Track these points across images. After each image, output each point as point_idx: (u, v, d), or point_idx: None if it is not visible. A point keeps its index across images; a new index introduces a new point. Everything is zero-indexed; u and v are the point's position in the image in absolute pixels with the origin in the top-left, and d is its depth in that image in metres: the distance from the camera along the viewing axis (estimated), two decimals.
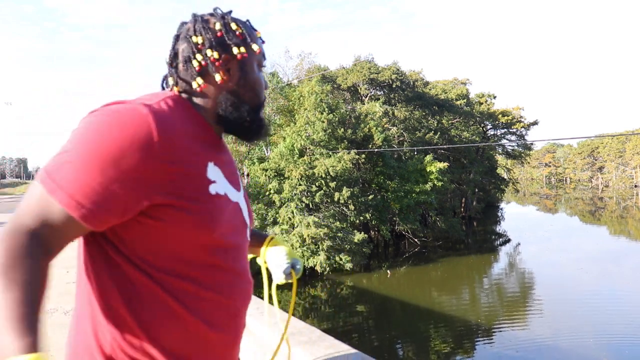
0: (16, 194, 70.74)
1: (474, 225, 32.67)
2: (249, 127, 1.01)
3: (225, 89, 0.97)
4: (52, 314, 5.03)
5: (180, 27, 0.98)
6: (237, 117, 0.98)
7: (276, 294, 1.42)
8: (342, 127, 19.91)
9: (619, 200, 59.51)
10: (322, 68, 26.79)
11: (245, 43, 0.97)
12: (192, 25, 0.96)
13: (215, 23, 0.96)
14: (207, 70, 0.95)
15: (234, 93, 0.98)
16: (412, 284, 17.36)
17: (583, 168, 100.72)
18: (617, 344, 10.78)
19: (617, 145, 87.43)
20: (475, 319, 13.15)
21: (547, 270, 18.34)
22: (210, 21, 0.96)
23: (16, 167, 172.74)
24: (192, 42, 0.94)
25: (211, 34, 0.95)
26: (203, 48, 0.94)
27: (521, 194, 75.11)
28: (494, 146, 38.24)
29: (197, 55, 0.94)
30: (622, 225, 34.06)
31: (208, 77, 0.96)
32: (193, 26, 0.95)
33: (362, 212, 19.28)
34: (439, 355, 10.83)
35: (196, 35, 0.95)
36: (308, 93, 19.92)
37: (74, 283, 0.85)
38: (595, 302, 13.73)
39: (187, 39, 0.95)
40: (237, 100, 0.98)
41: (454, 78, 39.29)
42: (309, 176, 17.98)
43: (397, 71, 26.45)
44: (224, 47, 0.95)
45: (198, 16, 0.97)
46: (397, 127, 25.49)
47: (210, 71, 0.95)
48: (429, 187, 21.19)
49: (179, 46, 0.97)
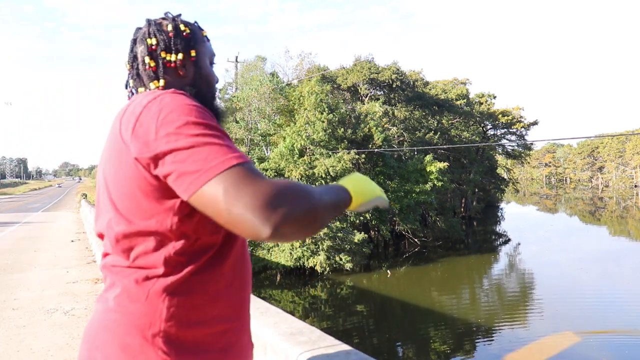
0: (16, 194, 70.74)
1: (474, 225, 32.67)
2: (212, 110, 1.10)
3: (183, 83, 1.05)
4: (52, 314, 5.03)
5: (136, 32, 1.07)
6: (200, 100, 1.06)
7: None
8: (342, 127, 19.92)
9: (619, 200, 59.51)
10: (322, 68, 26.80)
11: (192, 43, 1.06)
12: (146, 29, 1.05)
13: (168, 26, 1.04)
14: (162, 70, 1.03)
15: (192, 85, 1.06)
16: (412, 284, 17.36)
17: (583, 168, 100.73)
18: (617, 344, 10.78)
19: (617, 145, 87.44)
20: (475, 319, 13.15)
21: (547, 270, 18.34)
22: (162, 24, 1.05)
23: (16, 167, 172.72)
24: (146, 43, 1.03)
25: (165, 36, 1.03)
26: (157, 49, 1.03)
27: (521, 194, 75.11)
28: (494, 146, 38.24)
29: (151, 56, 1.03)
30: (622, 225, 34.06)
31: (165, 76, 1.04)
32: (147, 30, 1.04)
33: (362, 212, 19.27)
34: (439, 355, 10.83)
35: (150, 37, 1.03)
36: (308, 93, 19.93)
37: (75, 282, 0.85)
38: (595, 302, 13.74)
39: (143, 42, 1.04)
40: (196, 90, 1.06)
41: (454, 78, 39.31)
42: (309, 176, 17.99)
43: (397, 71, 26.46)
44: (176, 48, 1.04)
45: (152, 21, 1.06)
46: (397, 127, 25.49)
47: (165, 71, 1.04)
48: (429, 187, 21.20)
49: (137, 47, 1.05)
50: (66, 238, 12.57)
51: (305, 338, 1.74)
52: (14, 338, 4.22)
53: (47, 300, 5.62)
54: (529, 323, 12.52)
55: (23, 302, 5.57)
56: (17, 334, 4.33)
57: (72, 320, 4.74)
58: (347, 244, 17.54)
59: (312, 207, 0.80)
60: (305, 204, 0.79)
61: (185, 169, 0.79)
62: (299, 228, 0.78)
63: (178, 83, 1.04)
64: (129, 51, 1.06)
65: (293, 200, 0.78)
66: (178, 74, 1.04)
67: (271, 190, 0.76)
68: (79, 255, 9.33)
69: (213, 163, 0.78)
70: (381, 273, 18.53)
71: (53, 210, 28.72)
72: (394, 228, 22.10)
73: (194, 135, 0.81)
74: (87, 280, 6.73)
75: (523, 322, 12.63)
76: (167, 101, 0.86)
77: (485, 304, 14.98)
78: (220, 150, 0.80)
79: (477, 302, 15.10)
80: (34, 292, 6.12)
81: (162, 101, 0.86)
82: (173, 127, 0.82)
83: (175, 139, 0.81)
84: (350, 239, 17.62)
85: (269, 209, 0.74)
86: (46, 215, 24.07)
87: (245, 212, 0.74)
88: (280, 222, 0.75)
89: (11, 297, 5.87)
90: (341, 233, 17.66)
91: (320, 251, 17.06)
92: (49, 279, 6.97)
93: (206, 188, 0.77)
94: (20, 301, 5.64)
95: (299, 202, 0.78)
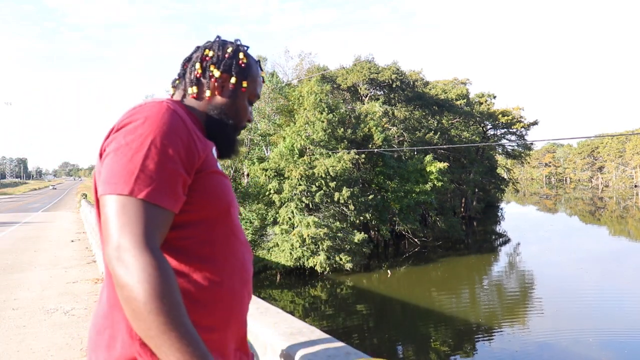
0: (16, 194, 70.73)
1: (474, 225, 32.67)
2: (226, 140, 1.11)
3: (214, 103, 1.09)
4: (52, 314, 5.03)
5: (205, 43, 1.14)
6: (220, 126, 1.09)
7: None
8: (342, 127, 19.91)
9: (619, 200, 59.51)
10: (322, 68, 26.81)
11: (243, 74, 1.10)
12: (211, 42, 1.12)
13: (229, 47, 1.10)
14: (204, 81, 1.08)
15: (220, 109, 1.09)
16: (412, 284, 17.36)
17: (583, 168, 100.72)
18: (617, 343, 10.78)
19: (617, 145, 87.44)
20: (475, 319, 13.15)
21: (547, 270, 18.34)
22: (226, 44, 1.11)
23: (16, 167, 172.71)
24: (203, 52, 1.09)
25: (222, 53, 1.09)
26: (209, 61, 1.08)
27: (521, 194, 75.11)
28: (494, 146, 38.25)
29: (200, 64, 1.08)
30: (622, 225, 34.06)
31: (203, 88, 1.08)
32: (212, 43, 1.12)
33: (362, 212, 19.27)
34: (439, 355, 10.83)
35: (210, 49, 1.10)
36: (308, 93, 19.93)
37: (75, 282, 0.85)
38: (595, 302, 13.75)
39: (202, 50, 1.10)
40: (222, 114, 1.09)
41: (454, 78, 39.33)
42: (308, 176, 17.98)
43: (397, 71, 26.46)
44: (226, 68, 1.08)
45: (220, 38, 1.13)
46: (397, 127, 25.50)
47: (206, 83, 1.08)
48: (429, 187, 21.19)
49: (194, 54, 1.11)
50: (66, 238, 12.57)
51: (305, 338, 1.74)
52: (14, 338, 4.22)
53: (47, 300, 5.62)
54: (528, 323, 12.52)
55: (23, 302, 5.57)
56: (17, 334, 4.33)
57: (72, 320, 4.74)
58: (347, 244, 17.53)
59: (151, 303, 0.76)
60: (150, 294, 0.76)
61: (105, 173, 0.86)
62: (126, 300, 0.77)
63: (206, 99, 1.08)
64: (189, 54, 1.13)
65: (147, 279, 0.77)
66: (213, 92, 1.08)
67: (141, 250, 0.79)
68: (79, 255, 9.32)
69: (122, 180, 0.83)
70: (381, 273, 18.53)
71: (53, 210, 28.72)
72: (394, 228, 22.10)
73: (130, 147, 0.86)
74: (87, 280, 6.73)
75: (523, 322, 12.63)
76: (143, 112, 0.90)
77: (485, 304, 14.97)
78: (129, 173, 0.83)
79: (477, 302, 15.09)
80: (34, 292, 6.12)
81: (145, 107, 0.91)
82: (126, 134, 0.88)
83: (118, 144, 0.87)
84: (350, 239, 17.62)
85: (128, 259, 0.78)
86: (46, 215, 24.07)
87: (121, 246, 0.80)
88: (124, 279, 0.77)
89: (11, 297, 5.86)
90: (341, 233, 17.66)
91: (321, 251, 17.06)
92: (49, 279, 6.96)
93: (107, 198, 0.84)
94: (20, 301, 5.64)
95: (147, 286, 0.77)
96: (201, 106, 1.07)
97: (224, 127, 1.08)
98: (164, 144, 0.86)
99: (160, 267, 0.79)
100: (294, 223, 17.57)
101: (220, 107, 1.08)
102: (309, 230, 16.83)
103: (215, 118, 1.08)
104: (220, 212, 0.97)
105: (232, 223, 1.01)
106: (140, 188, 0.83)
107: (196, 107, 1.07)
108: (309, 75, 24.03)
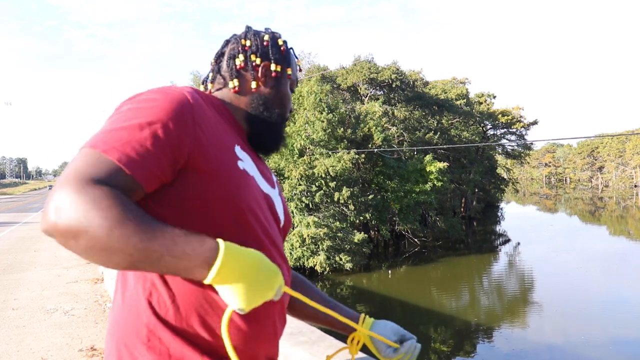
0: (16, 194, 70.71)
1: (474, 225, 32.67)
2: (273, 132, 1.05)
3: (258, 93, 1.03)
4: (52, 314, 5.03)
5: (232, 36, 1.08)
6: (267, 116, 1.03)
7: None
8: (341, 127, 19.92)
9: (618, 200, 59.51)
10: (322, 68, 26.80)
11: (285, 60, 1.06)
12: (244, 33, 1.06)
13: (265, 35, 1.05)
14: (245, 73, 1.02)
15: (265, 99, 1.03)
16: (412, 284, 17.36)
17: (583, 168, 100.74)
18: (616, 343, 10.78)
19: (617, 145, 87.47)
20: (475, 319, 13.15)
21: (547, 270, 18.34)
22: (261, 33, 1.06)
23: (16, 167, 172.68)
24: (240, 43, 1.03)
25: (259, 41, 1.03)
26: (249, 50, 1.02)
27: (521, 194, 75.12)
28: (494, 146, 38.24)
29: (240, 55, 1.02)
30: (622, 225, 34.06)
31: (245, 79, 1.02)
32: (245, 33, 1.05)
33: (362, 212, 19.28)
34: (439, 355, 10.83)
35: (245, 39, 1.04)
36: (307, 93, 19.93)
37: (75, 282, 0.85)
38: (594, 302, 13.74)
39: (237, 41, 1.04)
40: (267, 104, 1.03)
41: (453, 77, 39.31)
42: (308, 176, 17.98)
43: (396, 71, 26.45)
44: (267, 56, 1.03)
45: (251, 28, 1.07)
46: (396, 127, 25.48)
47: (249, 74, 1.02)
48: (428, 187, 21.19)
49: (227, 47, 1.05)
50: None
51: (305, 338, 1.74)
52: (14, 338, 4.22)
53: (47, 300, 5.62)
54: (528, 323, 12.52)
55: (23, 302, 5.57)
56: (17, 334, 4.33)
57: (72, 320, 4.74)
58: (347, 244, 17.54)
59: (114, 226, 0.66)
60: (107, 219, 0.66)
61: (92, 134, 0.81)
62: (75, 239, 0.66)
63: (252, 90, 1.02)
64: (219, 49, 1.06)
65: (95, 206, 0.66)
66: (258, 82, 1.02)
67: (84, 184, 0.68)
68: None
69: (94, 139, 0.76)
70: (381, 273, 18.53)
71: None
72: (394, 228, 22.10)
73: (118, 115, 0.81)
74: (87, 280, 6.73)
75: (523, 322, 12.63)
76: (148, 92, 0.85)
77: (485, 304, 14.98)
78: (113, 135, 0.76)
79: (477, 302, 15.10)
80: (34, 292, 6.12)
81: (150, 90, 0.86)
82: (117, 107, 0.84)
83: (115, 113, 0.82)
84: (350, 239, 17.62)
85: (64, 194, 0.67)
86: None
87: (56, 186, 0.69)
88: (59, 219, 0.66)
89: (11, 297, 5.86)
90: (341, 233, 17.66)
91: (320, 251, 17.06)
92: (49, 278, 6.96)
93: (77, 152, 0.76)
94: (20, 301, 5.64)
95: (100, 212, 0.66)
96: (239, 100, 1.01)
97: (270, 117, 1.03)
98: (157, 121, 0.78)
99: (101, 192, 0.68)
100: (294, 223, 17.58)
101: (266, 97, 1.03)
102: (308, 230, 16.83)
103: (260, 110, 1.02)
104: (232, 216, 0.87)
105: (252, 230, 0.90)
106: (106, 144, 0.74)
107: (231, 100, 1.01)
108: (309, 75, 24.03)
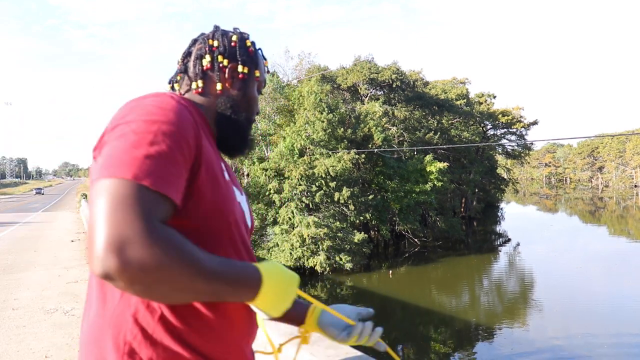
0: (16, 194, 70.69)
1: (474, 225, 32.67)
2: (240, 135, 1.03)
3: (225, 96, 1.01)
4: (52, 314, 5.03)
5: (200, 35, 1.05)
6: (234, 119, 1.01)
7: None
8: (342, 127, 19.92)
9: (619, 200, 59.50)
10: (322, 68, 26.79)
11: (253, 62, 1.04)
12: (212, 32, 1.03)
13: (233, 36, 1.03)
14: (212, 74, 1.00)
15: (232, 101, 1.02)
16: (412, 284, 17.36)
17: (583, 168, 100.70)
18: (616, 343, 10.78)
19: (617, 145, 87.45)
20: (475, 319, 13.16)
21: (547, 270, 18.34)
22: (229, 33, 1.04)
23: (16, 167, 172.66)
24: (207, 43, 1.01)
25: (227, 42, 1.01)
26: (216, 51, 1.00)
27: (521, 194, 75.10)
28: (494, 146, 38.24)
29: (207, 56, 1.00)
30: (622, 225, 34.06)
31: (211, 80, 1.00)
32: (213, 33, 1.03)
33: (362, 212, 19.28)
34: (439, 355, 10.83)
35: (213, 39, 1.01)
36: (308, 93, 19.93)
37: (75, 282, 0.85)
38: (594, 302, 13.74)
39: (204, 41, 1.02)
40: (234, 107, 1.02)
41: (453, 77, 39.29)
42: (309, 176, 17.98)
43: (397, 71, 26.45)
44: (234, 57, 1.01)
45: (219, 27, 1.05)
46: (397, 127, 25.48)
47: (215, 75, 1.00)
48: (429, 187, 21.19)
49: (195, 47, 1.02)
50: (66, 238, 12.58)
51: None
52: (14, 338, 4.22)
53: (47, 300, 5.62)
54: (528, 323, 12.52)
55: (23, 302, 5.57)
56: (17, 334, 4.33)
57: (72, 320, 4.74)
58: (347, 244, 17.53)
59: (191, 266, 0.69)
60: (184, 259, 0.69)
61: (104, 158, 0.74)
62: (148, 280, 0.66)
63: (216, 92, 1.00)
64: (186, 48, 1.04)
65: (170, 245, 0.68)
66: (224, 84, 1.00)
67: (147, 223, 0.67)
68: (79, 255, 9.32)
69: (122, 163, 0.71)
70: (381, 273, 18.53)
71: (53, 210, 28.72)
72: (394, 228, 22.10)
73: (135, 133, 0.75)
74: (87, 280, 6.71)
75: (523, 322, 12.63)
76: (147, 102, 0.81)
77: (485, 303, 14.98)
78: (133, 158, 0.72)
79: (477, 302, 15.10)
80: (34, 292, 6.12)
81: (144, 100, 0.82)
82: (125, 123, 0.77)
83: (121, 132, 0.76)
84: (350, 239, 17.62)
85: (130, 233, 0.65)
86: (46, 215, 24.08)
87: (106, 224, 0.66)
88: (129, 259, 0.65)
89: (11, 297, 5.86)
90: (341, 233, 17.66)
91: (320, 251, 17.06)
92: (49, 279, 6.96)
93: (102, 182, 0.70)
94: (20, 301, 5.64)
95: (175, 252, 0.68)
96: (207, 102, 0.99)
97: (237, 120, 1.01)
98: (173, 133, 0.77)
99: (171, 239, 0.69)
100: (294, 223, 17.57)
101: (232, 99, 1.00)
102: (309, 230, 16.83)
103: (227, 112, 0.99)
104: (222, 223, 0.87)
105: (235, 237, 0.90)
106: (145, 173, 0.71)
107: (201, 103, 0.98)
108: (309, 76, 24.02)
